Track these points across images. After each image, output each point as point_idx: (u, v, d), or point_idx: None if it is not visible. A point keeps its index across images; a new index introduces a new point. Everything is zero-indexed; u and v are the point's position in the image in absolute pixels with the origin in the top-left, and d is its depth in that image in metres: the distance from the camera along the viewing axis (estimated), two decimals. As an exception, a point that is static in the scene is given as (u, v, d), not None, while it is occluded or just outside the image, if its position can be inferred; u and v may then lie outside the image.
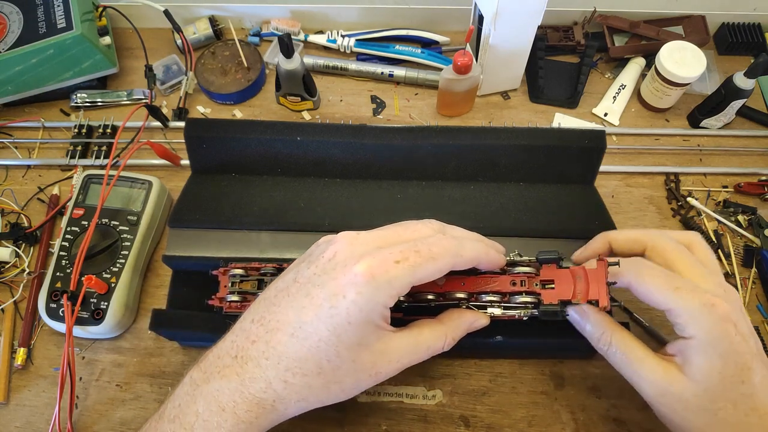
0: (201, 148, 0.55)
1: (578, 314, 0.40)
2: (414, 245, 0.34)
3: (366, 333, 0.33)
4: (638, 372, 0.37)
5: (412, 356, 0.36)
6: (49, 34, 0.63)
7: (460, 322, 0.39)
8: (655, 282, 0.36)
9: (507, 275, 0.43)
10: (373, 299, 0.32)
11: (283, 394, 0.33)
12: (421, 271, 0.33)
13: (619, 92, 0.69)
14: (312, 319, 0.32)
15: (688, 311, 0.34)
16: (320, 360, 0.32)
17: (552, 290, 0.42)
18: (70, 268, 0.53)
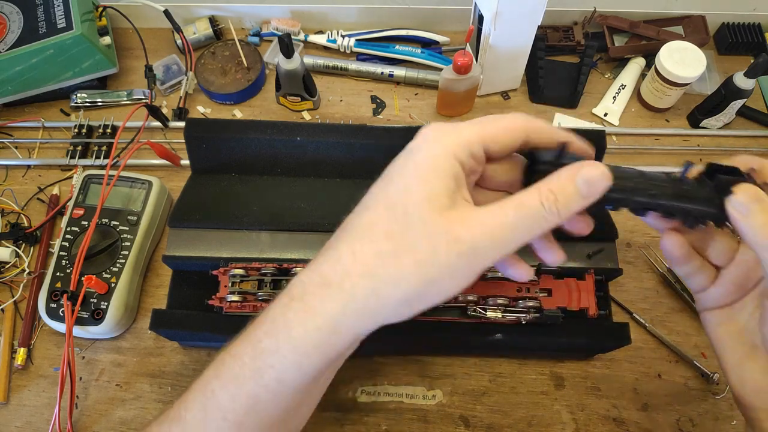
0: (201, 148, 0.55)
1: (748, 197, 0.29)
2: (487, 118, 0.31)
3: (435, 188, 0.28)
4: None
5: (499, 217, 0.28)
6: (49, 34, 0.63)
7: (559, 173, 0.29)
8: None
9: (512, 282, 0.48)
10: (440, 145, 0.29)
11: (350, 267, 0.29)
12: (490, 126, 0.30)
13: (619, 92, 0.69)
14: (380, 187, 0.31)
15: None
16: (388, 221, 0.29)
17: (550, 297, 0.48)
18: (70, 268, 0.53)
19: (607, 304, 0.50)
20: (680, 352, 0.54)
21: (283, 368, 0.30)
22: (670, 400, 0.52)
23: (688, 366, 0.54)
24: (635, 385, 0.53)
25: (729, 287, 0.34)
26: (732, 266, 0.34)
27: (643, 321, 0.55)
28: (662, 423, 0.51)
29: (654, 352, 0.54)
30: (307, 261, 0.49)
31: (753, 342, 0.33)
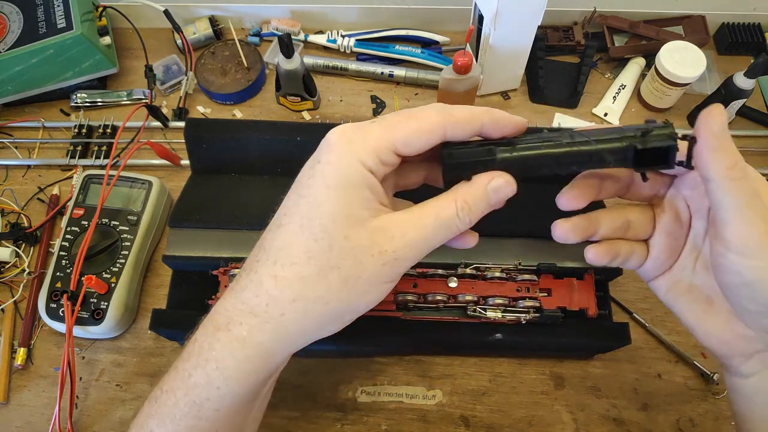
0: (201, 148, 0.55)
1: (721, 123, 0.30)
2: (400, 111, 0.30)
3: (350, 201, 0.28)
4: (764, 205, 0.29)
5: (420, 230, 0.29)
6: (49, 34, 0.63)
7: (472, 183, 0.30)
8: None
9: (512, 282, 0.48)
10: (347, 155, 0.28)
11: (274, 292, 0.28)
12: (401, 127, 0.29)
13: (619, 92, 0.69)
14: (293, 201, 0.29)
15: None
16: (306, 240, 0.28)
17: (550, 297, 0.48)
18: (70, 268, 0.53)
19: (607, 304, 0.50)
20: (680, 352, 0.54)
21: (218, 399, 0.29)
22: (670, 400, 0.52)
23: (688, 366, 0.54)
24: (635, 385, 0.53)
25: (661, 254, 0.35)
26: (656, 235, 0.35)
27: (643, 321, 0.55)
28: (662, 423, 0.51)
29: (654, 352, 0.54)
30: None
31: (706, 296, 0.33)
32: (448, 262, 0.50)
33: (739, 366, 0.32)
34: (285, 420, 0.51)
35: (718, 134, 0.28)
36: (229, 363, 0.29)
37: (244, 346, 0.29)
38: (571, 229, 0.34)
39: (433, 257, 0.50)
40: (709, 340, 0.33)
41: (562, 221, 0.34)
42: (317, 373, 0.53)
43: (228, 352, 0.29)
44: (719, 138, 0.28)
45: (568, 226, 0.34)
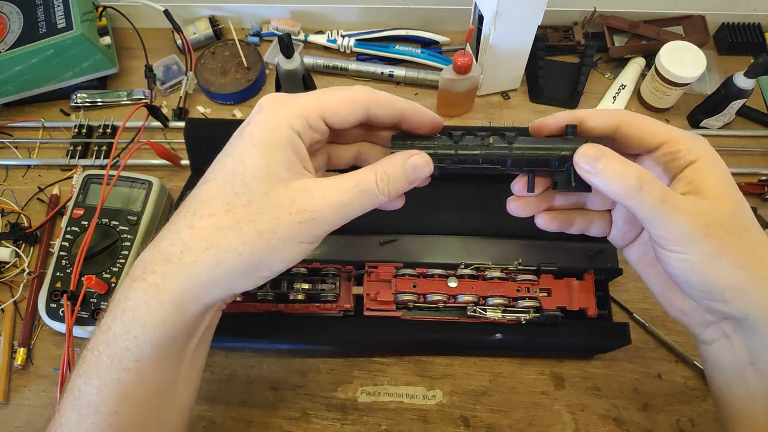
0: (201, 148, 0.55)
1: (590, 158, 0.30)
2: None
3: (273, 159, 0.29)
4: (678, 206, 0.29)
5: (340, 193, 0.30)
6: (49, 34, 0.63)
7: (392, 158, 0.32)
8: (646, 119, 0.33)
9: (512, 282, 0.48)
10: (275, 116, 0.30)
11: (189, 240, 0.29)
12: (327, 97, 0.31)
13: (619, 92, 0.69)
14: (222, 158, 0.31)
15: (686, 136, 0.32)
16: (227, 194, 0.29)
17: (549, 297, 0.48)
18: (70, 268, 0.53)
19: (607, 304, 0.50)
20: (680, 352, 0.54)
21: (137, 349, 0.30)
22: (670, 400, 0.52)
23: (688, 366, 0.54)
24: (635, 385, 0.53)
25: (624, 226, 0.36)
26: (618, 206, 0.36)
27: (643, 321, 0.55)
28: (662, 423, 0.51)
29: (654, 352, 0.54)
30: (307, 261, 0.50)
31: None
32: (448, 262, 0.50)
33: (701, 334, 0.34)
34: (285, 420, 0.51)
35: (593, 169, 0.30)
36: (143, 311, 0.29)
37: (157, 293, 0.29)
38: (522, 207, 0.35)
39: (434, 257, 0.51)
40: (672, 310, 0.35)
41: (514, 198, 0.35)
42: (317, 373, 0.53)
43: (143, 300, 0.29)
44: (599, 168, 0.30)
45: (520, 203, 0.35)
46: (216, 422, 0.51)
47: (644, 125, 0.32)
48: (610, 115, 0.32)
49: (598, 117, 0.32)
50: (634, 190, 0.29)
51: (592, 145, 0.30)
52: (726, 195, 0.30)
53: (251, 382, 0.53)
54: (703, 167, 0.31)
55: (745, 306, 0.30)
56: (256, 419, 0.51)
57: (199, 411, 0.52)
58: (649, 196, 0.29)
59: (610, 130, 0.32)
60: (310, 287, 0.49)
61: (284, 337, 0.49)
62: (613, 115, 0.32)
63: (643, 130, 0.32)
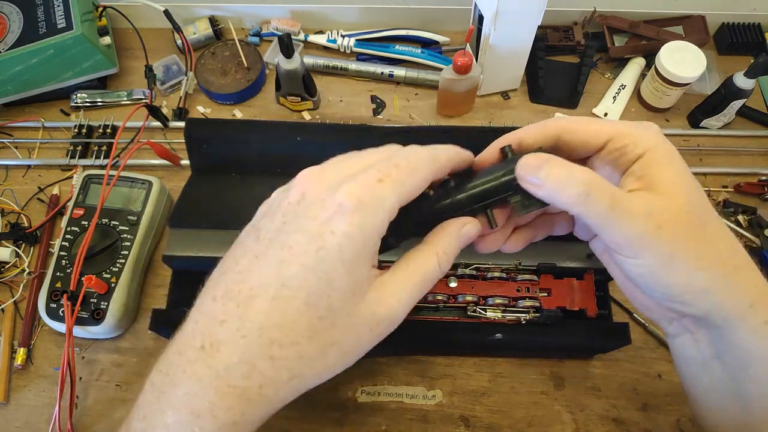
0: (201, 148, 0.55)
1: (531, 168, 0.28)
2: (390, 161, 0.28)
3: (360, 276, 0.27)
4: (629, 210, 0.28)
5: (410, 290, 0.29)
6: (49, 34, 0.63)
7: (446, 233, 0.31)
8: (585, 120, 0.32)
9: (512, 282, 0.48)
10: (369, 226, 0.26)
11: (270, 374, 0.26)
12: (408, 185, 0.28)
13: (619, 92, 0.69)
14: (298, 271, 0.26)
15: (631, 129, 0.30)
16: (312, 319, 0.26)
17: (550, 297, 0.48)
18: (70, 268, 0.53)
19: (606, 304, 0.50)
20: (680, 352, 0.54)
21: None
22: (670, 400, 0.52)
23: (688, 366, 0.54)
24: (635, 385, 0.53)
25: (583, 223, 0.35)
26: None
27: (643, 321, 0.55)
28: (662, 423, 0.51)
29: (654, 352, 0.54)
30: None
31: None
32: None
33: (666, 327, 0.34)
34: (285, 420, 0.51)
35: (536, 181, 0.28)
36: None
37: (236, 429, 0.27)
38: (490, 243, 0.34)
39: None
40: (636, 304, 0.35)
41: (480, 238, 0.34)
42: (317, 373, 0.53)
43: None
44: (542, 176, 0.28)
45: (487, 242, 0.34)
46: (216, 422, 0.51)
47: (584, 127, 0.31)
48: (547, 126, 0.31)
49: (534, 131, 0.31)
50: (582, 198, 0.27)
51: (533, 154, 0.29)
52: (679, 188, 0.29)
53: (251, 382, 0.53)
54: (653, 160, 0.29)
55: (705, 306, 0.29)
56: (256, 419, 0.51)
57: (199, 411, 0.52)
58: (597, 203, 0.27)
59: (550, 141, 0.31)
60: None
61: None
62: (549, 126, 0.31)
63: (584, 132, 0.31)
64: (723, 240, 0.29)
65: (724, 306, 0.29)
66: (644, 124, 0.31)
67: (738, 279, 0.29)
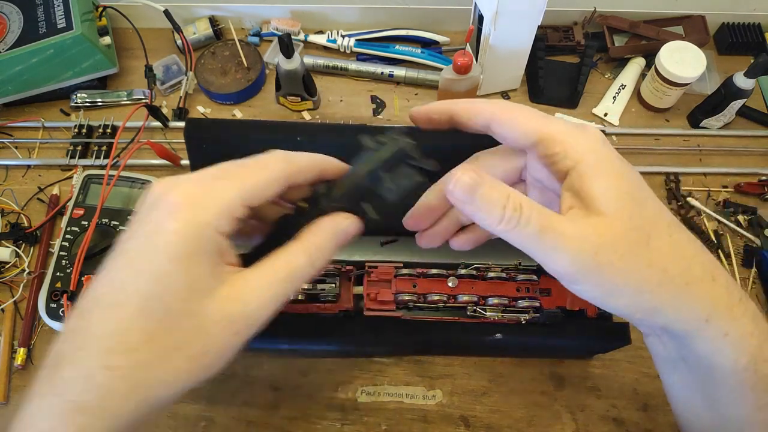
0: (201, 148, 0.55)
1: (465, 187, 0.26)
2: (239, 162, 0.28)
3: (199, 273, 0.25)
4: (561, 235, 0.26)
5: (273, 287, 0.27)
6: (49, 34, 0.63)
7: (319, 229, 0.29)
8: (522, 112, 0.29)
9: (512, 282, 0.48)
10: (196, 219, 0.25)
11: (109, 384, 0.24)
12: (251, 182, 0.27)
13: (619, 92, 0.69)
14: (130, 275, 0.25)
15: (562, 133, 0.27)
16: (147, 323, 0.24)
17: (550, 297, 0.48)
18: (70, 268, 0.53)
19: (607, 304, 0.50)
20: (680, 352, 0.54)
21: None
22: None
23: (688, 366, 0.54)
24: (635, 385, 0.53)
25: None
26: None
27: (643, 321, 0.55)
28: (662, 423, 0.51)
29: (654, 352, 0.54)
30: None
31: None
32: (448, 262, 0.50)
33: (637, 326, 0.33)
34: (285, 420, 0.51)
35: (467, 200, 0.26)
36: None
37: None
38: (431, 238, 0.34)
39: (433, 257, 0.51)
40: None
41: (419, 234, 0.34)
42: (317, 373, 0.53)
43: None
44: (471, 203, 0.26)
45: (427, 236, 0.34)
46: (216, 422, 0.51)
47: (513, 122, 0.28)
48: (482, 111, 0.29)
49: (471, 113, 0.29)
50: (511, 224, 0.25)
51: (467, 171, 0.26)
52: (617, 203, 0.26)
53: (251, 382, 0.53)
54: (587, 173, 0.26)
55: (659, 322, 0.28)
56: (256, 419, 0.51)
57: (199, 411, 0.52)
58: (525, 228, 0.25)
59: (483, 128, 0.30)
60: (310, 287, 0.48)
61: (284, 337, 0.49)
62: (484, 112, 0.29)
63: (513, 128, 0.28)
64: (672, 254, 0.27)
65: (678, 322, 0.27)
66: (580, 128, 0.28)
67: (690, 295, 0.27)
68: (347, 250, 0.52)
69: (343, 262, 0.50)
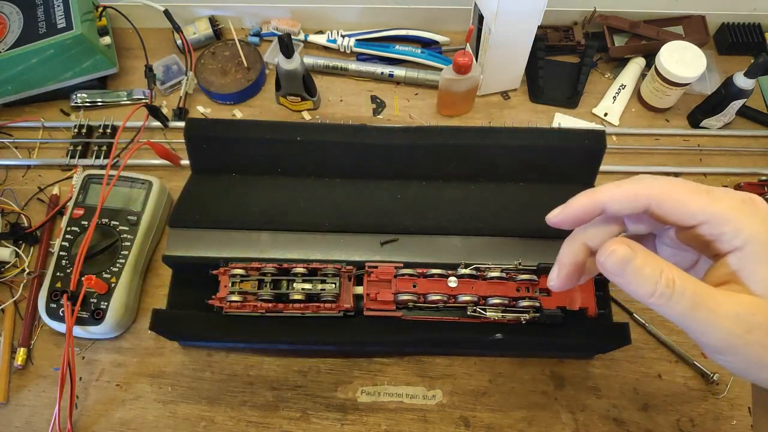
0: (201, 148, 0.55)
1: (617, 261, 0.26)
2: None
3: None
4: (714, 311, 0.26)
5: None
6: (49, 34, 0.63)
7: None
8: (682, 190, 0.28)
9: (512, 282, 0.48)
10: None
11: None
12: None
13: (619, 92, 0.69)
14: None
15: (731, 215, 0.27)
16: None
17: (549, 297, 0.48)
18: (70, 268, 0.53)
19: (606, 304, 0.50)
20: (680, 352, 0.54)
21: None
22: (670, 400, 0.52)
23: (688, 366, 0.54)
24: (635, 385, 0.53)
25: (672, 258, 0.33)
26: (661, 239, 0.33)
27: (643, 321, 0.55)
28: (662, 423, 0.51)
29: (654, 352, 0.54)
30: (307, 261, 0.50)
31: None
32: (448, 262, 0.50)
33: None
34: (285, 420, 0.51)
35: (618, 273, 0.26)
36: None
37: None
38: (562, 287, 0.33)
39: (434, 257, 0.51)
40: None
41: (553, 283, 0.33)
42: (317, 373, 0.53)
43: None
44: (623, 276, 0.26)
45: (559, 285, 0.33)
46: (216, 422, 0.51)
47: (679, 204, 0.27)
48: (637, 194, 0.28)
49: (622, 199, 0.28)
50: (664, 299, 0.26)
51: (622, 242, 0.26)
52: None
53: (251, 382, 0.53)
54: (752, 255, 0.27)
55: None
56: (256, 419, 0.51)
57: (199, 411, 0.52)
58: (678, 303, 0.26)
59: (636, 213, 0.28)
60: (310, 287, 0.49)
61: (284, 337, 0.49)
62: (640, 194, 0.28)
63: (678, 210, 0.28)
64: None
65: None
66: (748, 202, 0.27)
67: None
68: (347, 250, 0.52)
69: (343, 262, 0.50)
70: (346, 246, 0.52)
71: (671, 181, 0.28)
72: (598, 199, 0.29)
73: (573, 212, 0.30)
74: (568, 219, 0.30)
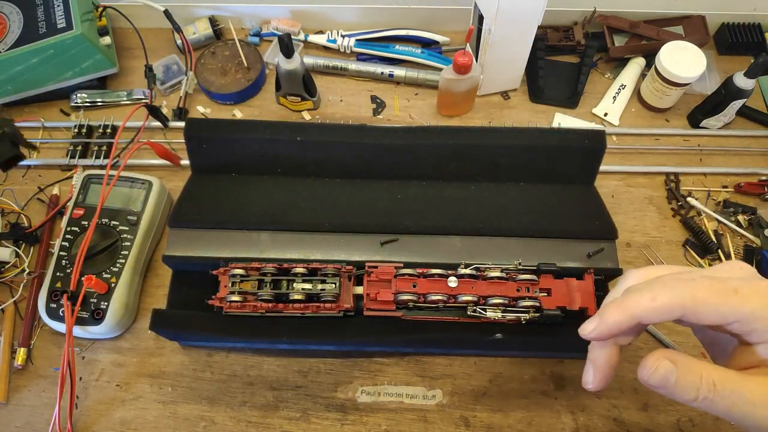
0: (201, 148, 0.55)
1: (660, 378, 0.28)
2: None
3: None
4: (752, 405, 0.28)
5: None
6: (49, 34, 0.63)
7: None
8: (715, 293, 0.29)
9: (512, 282, 0.48)
10: None
11: None
12: None
13: (619, 92, 0.69)
14: None
15: (760, 312, 0.28)
16: None
17: (549, 297, 0.48)
18: (70, 268, 0.53)
19: (607, 304, 0.50)
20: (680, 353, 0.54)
21: None
22: (670, 400, 0.52)
23: (688, 366, 0.54)
24: (635, 385, 0.53)
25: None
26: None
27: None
28: (662, 423, 0.51)
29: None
30: (307, 261, 0.50)
31: None
32: (448, 262, 0.50)
33: None
34: (285, 420, 0.51)
35: (662, 387, 0.29)
36: None
37: None
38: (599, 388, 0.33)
39: (434, 257, 0.51)
40: None
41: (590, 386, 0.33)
42: (317, 373, 0.53)
43: None
44: (666, 388, 0.29)
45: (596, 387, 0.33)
46: (216, 422, 0.51)
47: (711, 310, 0.29)
48: (672, 308, 0.29)
49: (659, 314, 0.29)
50: (706, 402, 0.28)
51: (662, 356, 0.28)
52: None
53: (251, 382, 0.53)
54: None
55: None
56: (256, 419, 0.51)
57: (199, 411, 0.52)
58: (719, 404, 0.28)
59: (671, 321, 0.30)
60: (310, 287, 0.49)
61: (284, 337, 0.49)
62: (675, 308, 0.29)
63: (710, 316, 0.29)
64: None
65: None
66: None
67: None
68: (347, 250, 0.52)
69: (343, 262, 0.50)
70: (346, 246, 0.52)
71: (699, 285, 0.29)
72: (634, 315, 0.30)
73: (609, 330, 0.31)
74: (604, 335, 0.31)
